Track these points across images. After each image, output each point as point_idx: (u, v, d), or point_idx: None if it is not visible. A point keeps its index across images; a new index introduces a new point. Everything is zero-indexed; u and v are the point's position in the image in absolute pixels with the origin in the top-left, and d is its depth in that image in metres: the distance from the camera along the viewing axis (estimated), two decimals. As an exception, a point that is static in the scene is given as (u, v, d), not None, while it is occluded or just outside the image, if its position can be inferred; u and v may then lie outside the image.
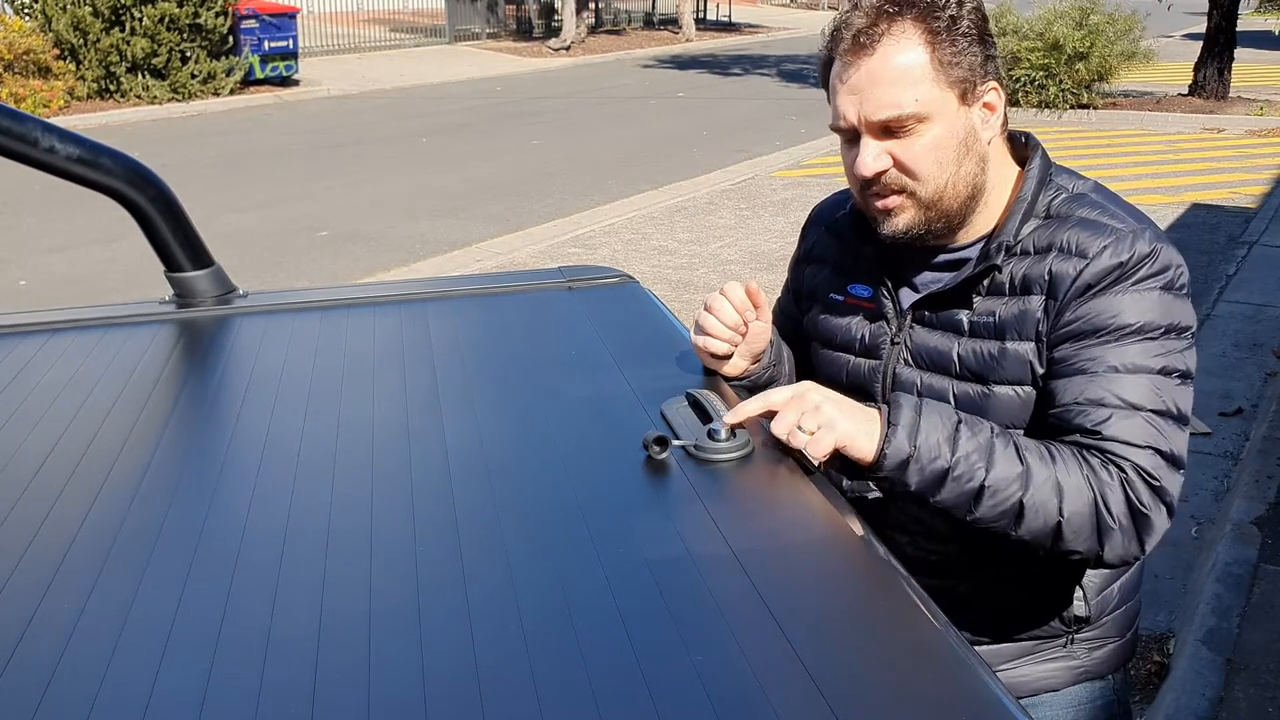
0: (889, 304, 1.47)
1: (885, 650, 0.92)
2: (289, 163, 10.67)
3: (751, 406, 1.26)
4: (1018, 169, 1.43)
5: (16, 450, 1.27)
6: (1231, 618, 3.14)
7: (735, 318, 1.42)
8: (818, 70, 1.42)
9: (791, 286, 1.68)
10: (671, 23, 25.89)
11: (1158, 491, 1.26)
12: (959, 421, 1.27)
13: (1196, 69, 14.30)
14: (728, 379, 1.47)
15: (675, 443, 1.22)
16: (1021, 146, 1.45)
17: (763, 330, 1.48)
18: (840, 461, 1.30)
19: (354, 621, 0.92)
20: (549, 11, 23.84)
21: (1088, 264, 1.30)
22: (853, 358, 1.52)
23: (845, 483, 1.53)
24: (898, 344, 1.46)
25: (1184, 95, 14.23)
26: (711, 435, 1.23)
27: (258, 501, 1.13)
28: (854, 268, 1.52)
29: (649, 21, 26.47)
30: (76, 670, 0.86)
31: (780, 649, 0.88)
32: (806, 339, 1.62)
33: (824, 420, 1.23)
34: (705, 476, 1.19)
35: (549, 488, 1.17)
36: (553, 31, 22.87)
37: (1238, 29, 14.28)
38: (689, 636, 0.90)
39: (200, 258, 1.78)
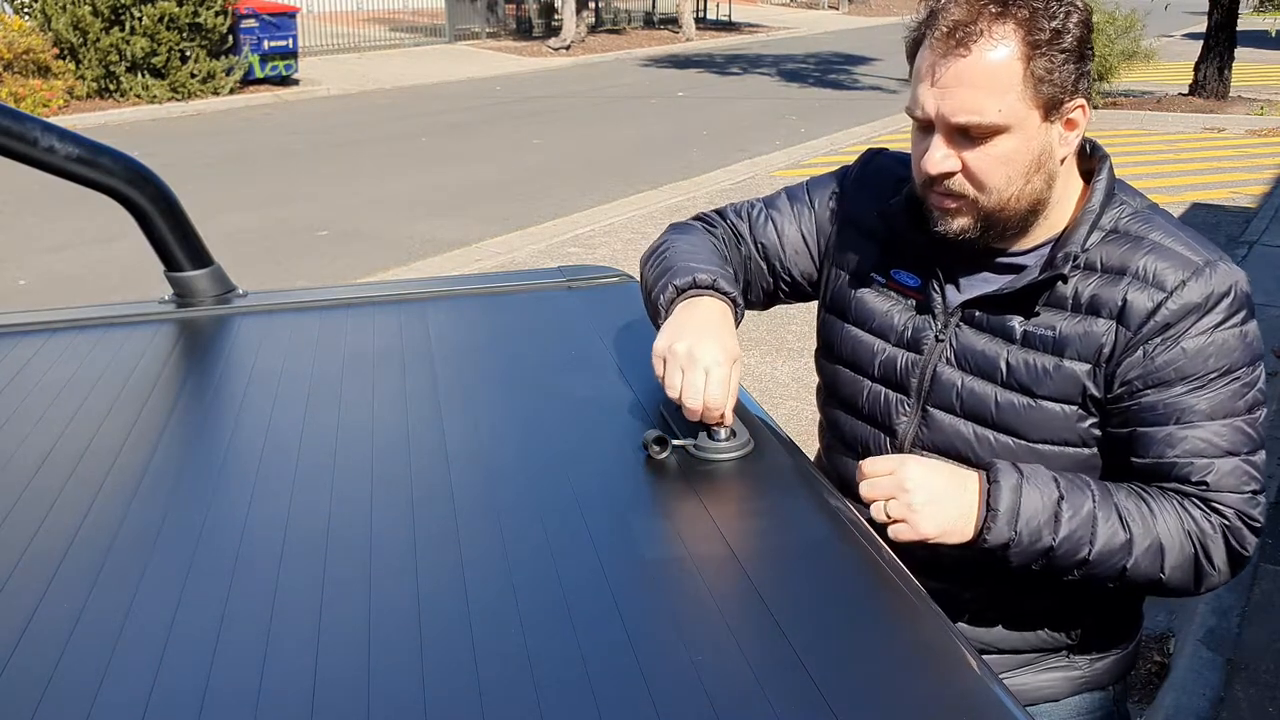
0: (938, 299, 1.41)
1: (886, 650, 0.91)
2: (289, 162, 10.65)
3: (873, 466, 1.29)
4: (1083, 182, 1.38)
5: (16, 450, 1.27)
6: (1231, 617, 3.13)
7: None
8: (906, 45, 1.34)
9: (815, 229, 1.56)
10: (671, 22, 25.86)
11: (1256, 531, 1.30)
12: (1060, 498, 1.26)
13: (1197, 68, 14.29)
14: None
15: (675, 442, 1.22)
16: (1087, 157, 1.40)
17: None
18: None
19: (353, 622, 0.91)
20: (549, 11, 23.80)
21: (1166, 298, 1.27)
22: (889, 346, 1.46)
23: (858, 474, 1.51)
24: (942, 341, 1.41)
25: (1184, 95, 14.22)
26: (711, 435, 1.23)
27: (257, 501, 1.13)
28: (902, 252, 1.46)
29: (649, 21, 26.44)
30: (76, 670, 0.86)
31: (780, 649, 0.88)
32: (799, 290, 1.59)
33: (913, 516, 1.24)
34: (705, 476, 1.19)
35: (549, 487, 1.17)
36: (553, 31, 22.84)
37: (1238, 29, 14.27)
38: (689, 636, 0.90)
39: (200, 257, 1.78)
